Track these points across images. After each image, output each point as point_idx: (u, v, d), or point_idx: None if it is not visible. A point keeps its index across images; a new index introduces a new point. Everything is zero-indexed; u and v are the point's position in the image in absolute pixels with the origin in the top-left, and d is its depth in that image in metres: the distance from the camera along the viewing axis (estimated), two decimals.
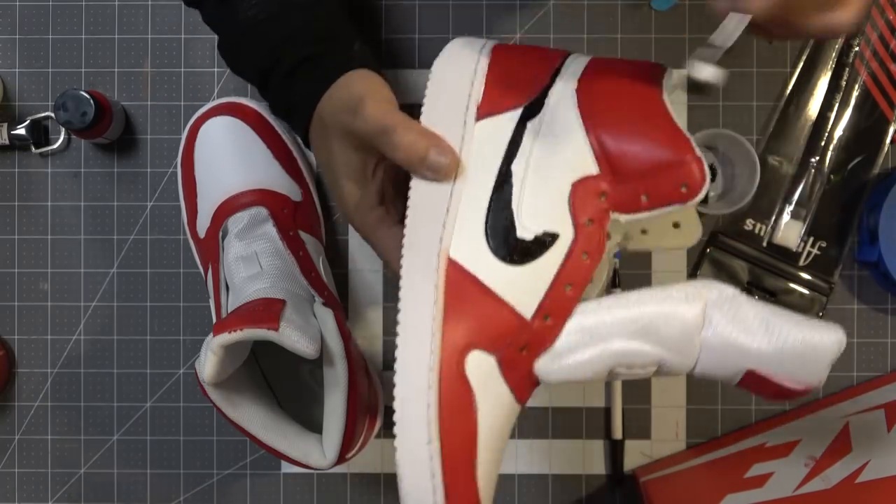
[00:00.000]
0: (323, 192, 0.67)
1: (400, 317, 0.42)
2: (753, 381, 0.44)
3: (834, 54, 0.66)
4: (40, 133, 0.66)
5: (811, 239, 0.66)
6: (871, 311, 0.66)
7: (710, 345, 0.43)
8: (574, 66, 0.49)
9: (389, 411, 0.66)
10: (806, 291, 0.66)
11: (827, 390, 0.66)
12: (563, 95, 0.47)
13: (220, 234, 0.60)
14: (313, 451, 0.54)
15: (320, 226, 0.65)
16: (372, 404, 0.59)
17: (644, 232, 0.51)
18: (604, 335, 0.43)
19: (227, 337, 0.49)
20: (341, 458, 0.54)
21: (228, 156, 0.61)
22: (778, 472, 0.59)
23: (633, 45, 0.67)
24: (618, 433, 0.66)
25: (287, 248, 0.59)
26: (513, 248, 0.44)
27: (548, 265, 0.44)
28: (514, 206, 0.45)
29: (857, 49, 0.66)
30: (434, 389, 0.41)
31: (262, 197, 0.60)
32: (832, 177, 0.66)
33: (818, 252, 0.66)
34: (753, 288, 0.66)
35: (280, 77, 0.53)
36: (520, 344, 0.43)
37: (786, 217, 0.66)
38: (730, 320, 0.43)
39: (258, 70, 0.54)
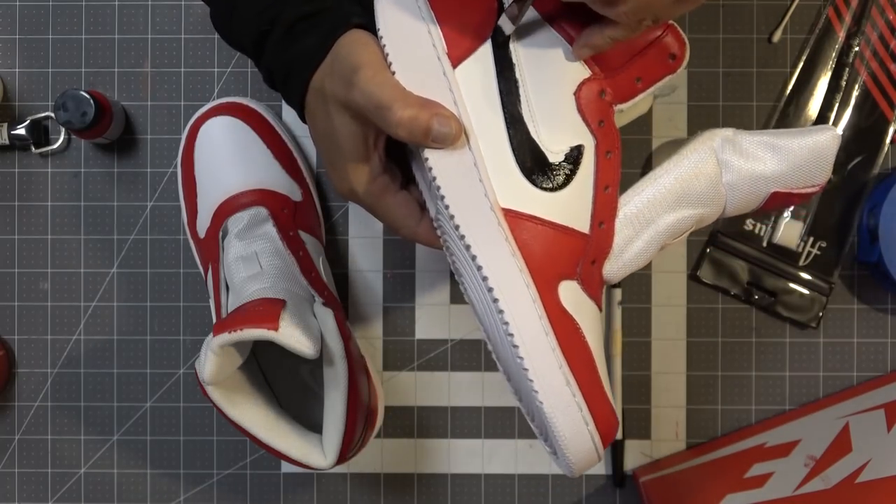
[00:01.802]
0: (323, 192, 0.67)
1: (492, 283, 0.43)
2: (778, 199, 0.48)
3: (834, 54, 0.66)
4: (40, 133, 0.66)
5: (811, 239, 0.66)
6: (871, 311, 0.66)
7: (733, 185, 0.47)
8: None
9: (389, 411, 0.67)
10: (806, 291, 0.66)
11: (827, 390, 0.66)
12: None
13: (220, 234, 0.60)
14: (313, 451, 0.54)
15: (320, 226, 0.65)
16: (372, 404, 0.59)
17: None
18: (649, 217, 0.46)
19: (227, 337, 0.49)
20: (341, 458, 0.54)
21: (228, 156, 0.61)
22: (778, 472, 0.59)
23: None
24: (618, 433, 0.66)
25: (287, 248, 0.59)
26: (552, 175, 0.46)
27: (585, 176, 0.46)
28: (534, 137, 0.46)
29: (857, 49, 0.66)
30: (551, 333, 0.43)
31: (262, 197, 0.60)
32: (832, 177, 0.66)
33: (818, 252, 0.66)
34: (753, 288, 0.66)
35: (277, 39, 0.50)
36: (590, 258, 0.45)
37: (786, 217, 0.66)
38: (739, 157, 0.46)
39: (254, 35, 0.51)
